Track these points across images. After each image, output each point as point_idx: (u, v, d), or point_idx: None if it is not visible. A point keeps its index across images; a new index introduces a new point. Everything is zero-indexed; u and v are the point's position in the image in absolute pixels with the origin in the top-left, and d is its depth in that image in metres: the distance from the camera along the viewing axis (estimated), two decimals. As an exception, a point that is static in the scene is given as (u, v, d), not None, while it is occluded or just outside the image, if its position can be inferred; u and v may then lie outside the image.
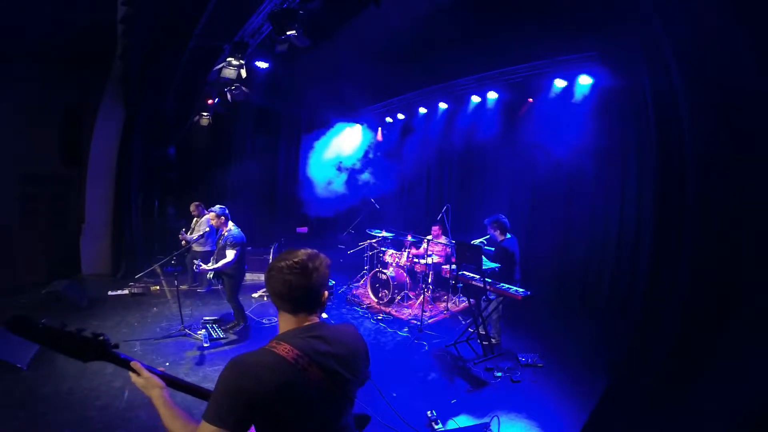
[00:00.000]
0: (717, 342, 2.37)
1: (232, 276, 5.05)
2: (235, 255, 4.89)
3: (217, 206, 5.15)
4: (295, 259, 1.36)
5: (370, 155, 9.41)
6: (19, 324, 1.21)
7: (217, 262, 4.98)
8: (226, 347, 4.88)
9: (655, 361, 2.67)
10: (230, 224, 5.13)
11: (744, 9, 2.21)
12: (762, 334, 2.17)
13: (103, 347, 1.32)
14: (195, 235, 6.77)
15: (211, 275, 5.13)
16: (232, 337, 5.17)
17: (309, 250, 1.44)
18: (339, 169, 9.07)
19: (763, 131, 2.26)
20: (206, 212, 6.99)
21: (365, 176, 9.12)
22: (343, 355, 1.33)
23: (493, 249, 5.17)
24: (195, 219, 7.09)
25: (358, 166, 9.25)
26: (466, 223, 7.87)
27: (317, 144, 9.41)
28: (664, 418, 2.44)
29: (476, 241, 5.26)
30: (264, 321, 5.78)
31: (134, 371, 1.41)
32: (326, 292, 1.44)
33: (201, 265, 4.94)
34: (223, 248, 4.99)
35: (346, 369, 1.33)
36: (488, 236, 5.25)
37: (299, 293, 1.34)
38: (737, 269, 2.37)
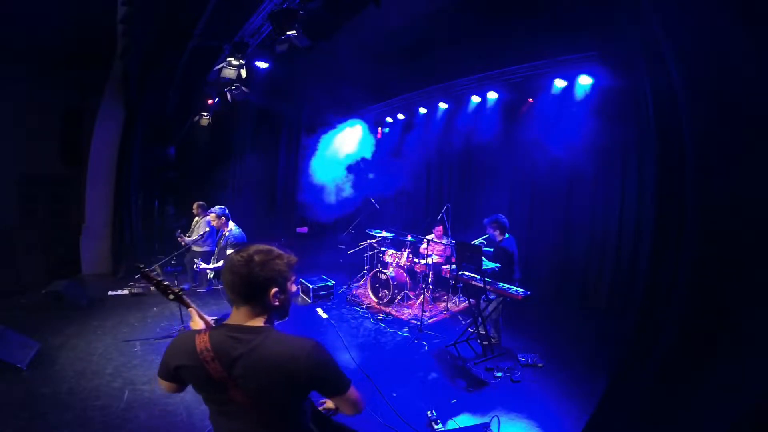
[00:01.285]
0: (717, 342, 2.37)
1: None
2: None
3: (217, 207, 5.15)
4: (243, 253, 1.44)
5: (370, 155, 9.40)
6: (143, 273, 2.08)
7: (217, 262, 4.98)
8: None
9: (655, 361, 2.67)
10: (231, 224, 5.12)
11: (744, 9, 2.21)
12: (762, 335, 2.17)
13: (180, 295, 1.91)
14: (195, 236, 6.77)
15: (212, 275, 5.13)
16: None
17: (264, 246, 1.48)
18: (347, 170, 9.06)
19: (763, 131, 2.26)
20: (206, 213, 7.01)
21: (365, 176, 9.12)
22: (252, 365, 1.35)
23: (492, 249, 5.17)
24: (195, 219, 7.08)
25: (357, 166, 9.25)
26: (466, 223, 7.87)
27: (317, 144, 9.41)
28: (664, 419, 2.44)
29: (476, 242, 5.25)
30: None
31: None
32: (274, 291, 1.42)
33: (201, 265, 4.94)
34: (224, 248, 4.99)
35: (249, 376, 1.34)
36: (487, 236, 5.25)
37: (235, 286, 1.41)
38: (737, 269, 2.37)
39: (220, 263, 4.91)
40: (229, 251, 4.90)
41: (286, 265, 1.47)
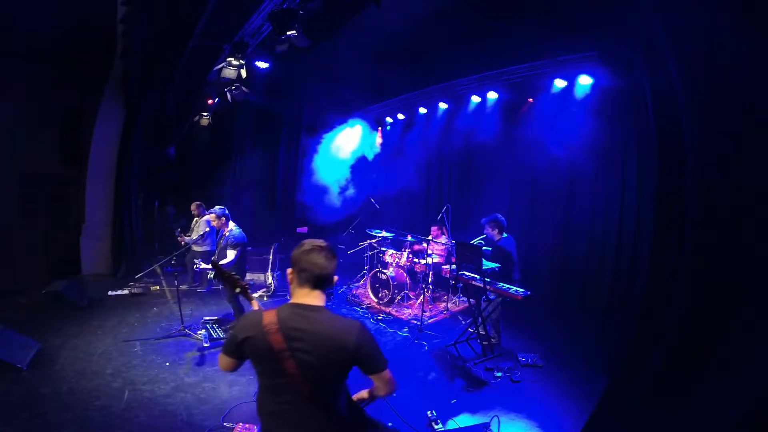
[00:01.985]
0: (717, 342, 2.37)
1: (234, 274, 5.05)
2: (236, 255, 4.89)
3: (217, 207, 5.15)
4: (325, 248, 1.72)
5: (370, 155, 9.41)
6: (215, 268, 2.26)
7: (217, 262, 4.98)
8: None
9: (655, 361, 2.67)
10: (231, 224, 5.13)
11: (745, 8, 2.21)
12: (763, 334, 2.17)
13: (246, 290, 2.13)
14: (194, 236, 6.77)
15: (212, 275, 5.13)
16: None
17: (323, 242, 1.76)
18: (347, 170, 9.06)
19: (763, 131, 2.26)
20: (206, 213, 7.01)
21: (365, 176, 9.12)
22: (311, 337, 1.59)
23: (490, 249, 5.17)
24: (195, 219, 7.09)
25: (357, 166, 9.26)
26: (466, 223, 7.87)
27: (317, 144, 9.41)
28: (664, 419, 2.44)
29: (474, 241, 5.26)
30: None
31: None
32: (336, 278, 1.76)
33: (201, 265, 4.94)
34: (224, 248, 4.99)
35: (307, 348, 1.57)
36: (484, 236, 5.25)
37: (316, 275, 1.67)
38: (737, 269, 2.37)
39: (220, 263, 4.90)
40: (229, 251, 4.91)
41: (336, 253, 1.80)
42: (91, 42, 6.54)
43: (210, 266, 4.99)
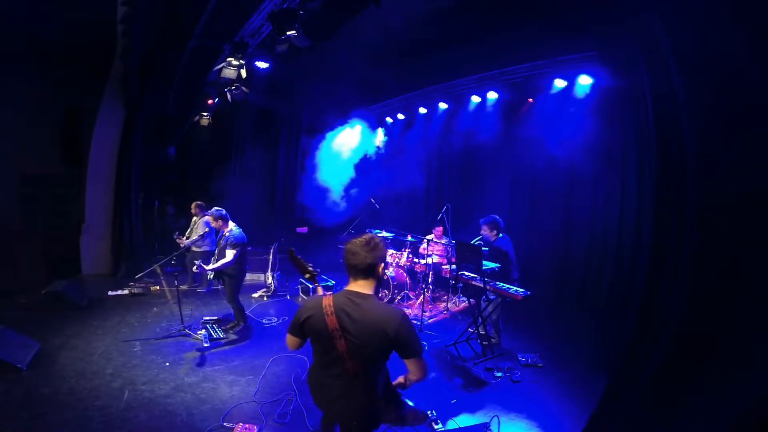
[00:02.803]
0: (717, 342, 2.37)
1: (232, 276, 5.06)
2: (235, 255, 4.89)
3: (215, 209, 5.17)
4: (363, 240, 1.98)
5: (370, 155, 9.40)
6: (290, 255, 2.48)
7: (217, 262, 4.99)
8: (226, 347, 4.88)
9: (655, 361, 2.67)
10: (231, 225, 5.14)
11: (744, 9, 2.21)
12: (763, 334, 2.17)
13: (314, 276, 2.44)
14: (194, 236, 6.77)
15: (212, 275, 5.14)
16: (233, 337, 5.17)
17: (370, 235, 2.03)
18: (347, 170, 9.05)
19: (763, 131, 2.26)
20: (205, 213, 7.00)
21: (365, 176, 9.11)
22: (358, 321, 1.86)
23: (487, 249, 5.18)
24: (194, 219, 7.08)
25: (357, 166, 9.25)
26: (466, 223, 7.87)
27: (317, 144, 9.41)
28: (664, 418, 2.44)
29: (472, 242, 5.26)
30: (264, 321, 5.77)
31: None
32: (382, 267, 2.01)
33: (201, 265, 4.95)
34: (224, 248, 5.00)
35: (354, 330, 1.85)
36: (480, 237, 5.27)
37: (358, 264, 1.95)
38: (738, 269, 2.37)
39: (219, 263, 4.92)
40: (228, 251, 4.91)
41: (384, 247, 2.04)
42: (91, 42, 6.54)
43: (209, 267, 4.99)
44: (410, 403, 2.32)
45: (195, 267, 4.95)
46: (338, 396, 1.95)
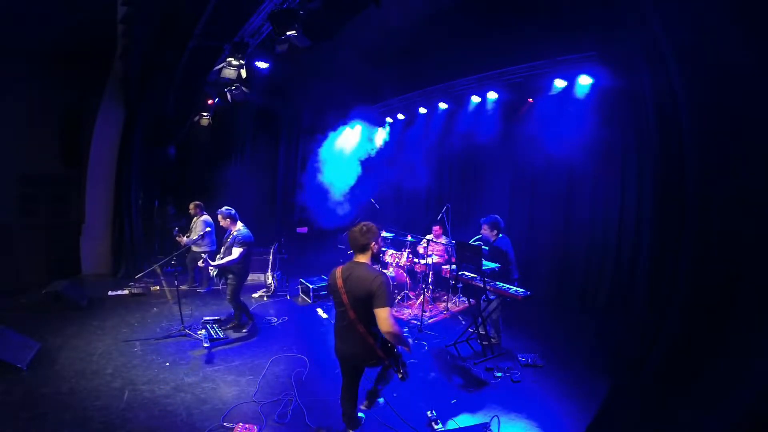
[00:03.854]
0: (717, 341, 2.37)
1: (236, 275, 5.09)
2: (241, 254, 4.95)
3: (224, 208, 5.22)
4: (359, 226, 2.76)
5: (370, 155, 9.40)
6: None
7: (222, 260, 5.02)
8: (226, 347, 4.88)
9: (655, 360, 2.67)
10: (239, 224, 5.20)
11: (744, 9, 2.21)
12: (762, 334, 2.17)
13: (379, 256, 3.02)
14: (193, 236, 6.77)
15: (215, 272, 5.14)
16: (233, 336, 5.18)
17: (367, 222, 2.80)
18: (347, 170, 9.05)
19: (763, 131, 2.26)
20: (204, 213, 7.00)
21: (365, 176, 9.11)
22: (354, 281, 2.65)
23: (487, 249, 5.19)
24: (194, 219, 7.08)
25: (357, 166, 9.25)
26: (466, 223, 7.87)
27: (317, 144, 9.41)
28: (665, 418, 2.44)
29: (471, 241, 5.27)
30: (273, 320, 5.80)
31: None
32: (372, 245, 2.73)
33: (207, 260, 4.97)
34: (230, 247, 5.04)
35: (352, 287, 2.65)
36: (479, 236, 5.27)
37: (355, 243, 2.74)
38: (737, 268, 2.37)
39: (225, 259, 4.97)
40: (235, 249, 4.97)
41: (376, 231, 2.77)
42: (91, 42, 6.53)
43: (214, 263, 5.01)
44: (401, 354, 2.94)
45: (201, 261, 4.98)
46: (347, 339, 2.78)
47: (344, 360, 2.92)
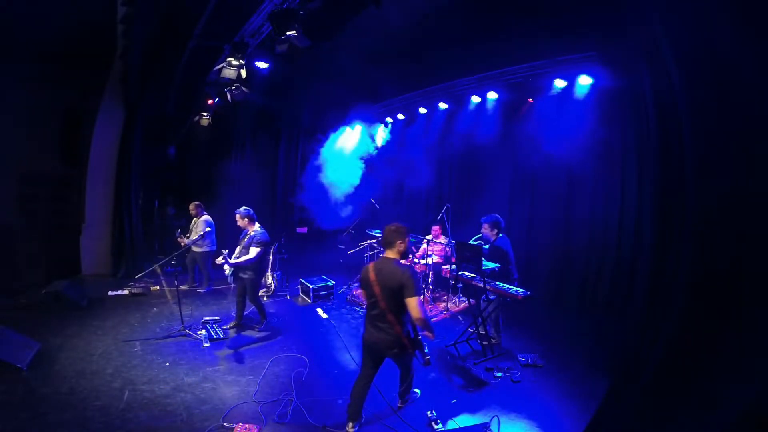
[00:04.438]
0: (717, 342, 2.37)
1: (254, 273, 5.15)
2: (258, 253, 5.03)
3: (243, 208, 5.27)
4: (389, 226, 3.16)
5: (370, 155, 9.40)
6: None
7: (239, 258, 5.04)
8: (226, 347, 4.89)
9: (655, 360, 2.67)
10: (257, 225, 5.25)
11: (744, 9, 2.21)
12: (763, 334, 2.17)
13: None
14: (194, 236, 6.77)
15: (230, 271, 5.14)
16: (233, 335, 5.18)
17: (396, 223, 3.17)
18: (347, 170, 9.06)
19: (763, 131, 2.26)
20: (204, 213, 7.00)
21: (365, 176, 9.12)
22: (385, 274, 3.04)
23: (487, 248, 5.19)
24: (194, 219, 7.08)
25: (357, 166, 9.25)
26: (466, 223, 7.87)
27: (317, 144, 9.41)
28: (665, 418, 2.44)
29: (470, 241, 5.27)
30: (273, 320, 5.77)
31: None
32: (400, 243, 3.11)
33: (226, 257, 4.97)
34: (248, 246, 5.08)
35: (383, 280, 3.03)
36: (480, 235, 5.27)
37: (385, 240, 3.15)
38: (738, 269, 2.36)
39: (242, 258, 5.01)
40: (252, 248, 5.02)
41: (405, 231, 3.14)
42: (91, 42, 6.53)
43: (231, 261, 5.01)
44: (425, 343, 3.25)
45: (220, 258, 4.98)
46: (377, 326, 3.12)
47: (371, 346, 3.21)
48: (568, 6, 4.80)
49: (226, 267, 5.06)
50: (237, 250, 5.25)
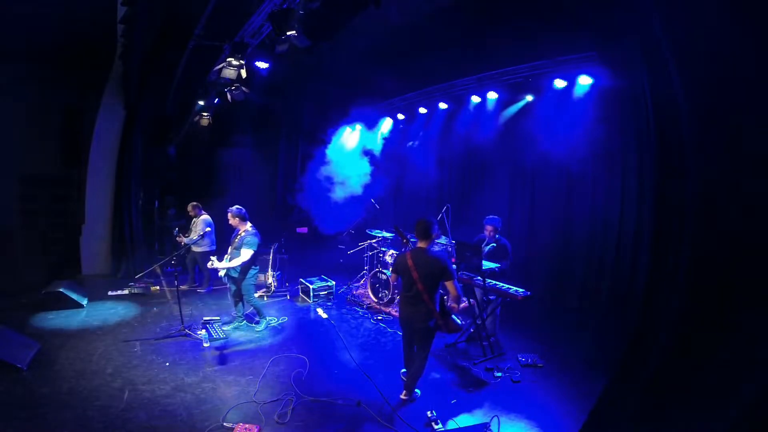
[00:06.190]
0: (717, 342, 2.36)
1: (243, 273, 5.12)
2: (252, 255, 5.00)
3: (235, 207, 5.24)
4: (421, 220, 3.73)
5: (370, 155, 9.39)
6: (397, 229, 4.83)
7: (230, 261, 5.02)
8: (226, 347, 4.89)
9: (655, 360, 2.67)
10: (248, 224, 5.21)
11: (744, 9, 2.21)
12: (762, 335, 2.17)
13: (409, 241, 4.36)
14: (194, 236, 6.77)
15: (223, 273, 5.14)
16: (233, 335, 5.18)
17: (426, 217, 3.74)
18: (347, 170, 9.05)
19: (763, 131, 2.26)
20: (203, 212, 7.00)
21: (365, 176, 9.11)
22: (422, 261, 3.56)
23: (488, 248, 5.21)
24: (193, 220, 7.07)
25: (357, 166, 9.24)
26: (466, 223, 7.86)
27: (317, 145, 9.40)
28: (664, 418, 2.44)
29: (475, 239, 5.29)
30: (273, 320, 5.77)
31: None
32: (432, 234, 3.66)
33: (215, 261, 4.97)
34: (239, 247, 5.04)
35: (419, 267, 3.54)
36: (484, 235, 5.31)
37: (419, 232, 3.69)
38: (738, 269, 2.36)
39: (235, 261, 4.97)
40: (244, 250, 4.98)
41: (434, 222, 3.71)
42: (91, 42, 6.53)
43: (221, 264, 4.99)
44: (457, 320, 3.88)
45: (210, 263, 4.97)
46: (413, 304, 3.61)
47: (407, 322, 3.74)
48: (568, 6, 4.80)
49: (220, 270, 5.06)
50: (229, 250, 5.23)
